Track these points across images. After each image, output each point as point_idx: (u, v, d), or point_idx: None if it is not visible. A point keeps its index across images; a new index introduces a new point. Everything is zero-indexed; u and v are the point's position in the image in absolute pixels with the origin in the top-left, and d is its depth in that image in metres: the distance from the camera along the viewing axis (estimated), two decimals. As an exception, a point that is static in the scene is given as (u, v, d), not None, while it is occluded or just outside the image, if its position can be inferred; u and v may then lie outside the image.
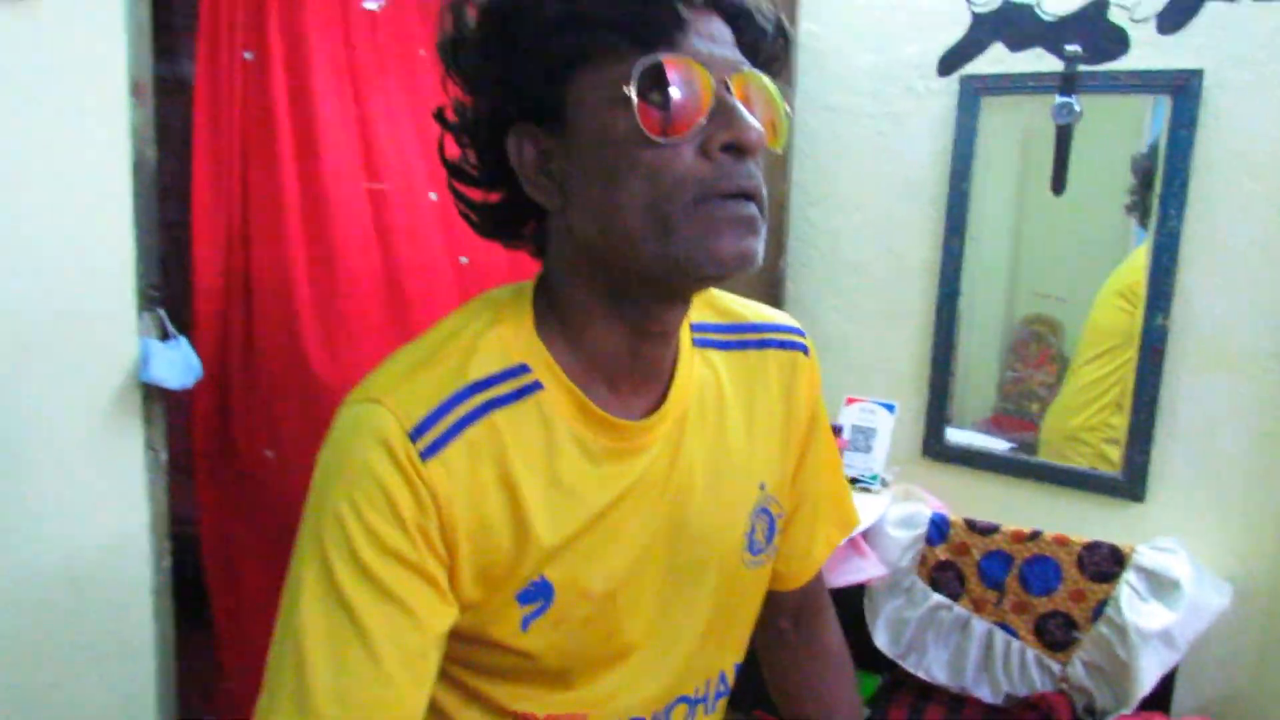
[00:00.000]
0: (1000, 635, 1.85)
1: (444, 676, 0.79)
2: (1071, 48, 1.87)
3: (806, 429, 0.95)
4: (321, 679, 0.67)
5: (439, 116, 0.80)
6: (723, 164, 0.69)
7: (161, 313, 1.99)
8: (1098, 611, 1.77)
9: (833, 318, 2.25)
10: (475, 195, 0.81)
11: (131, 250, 1.94)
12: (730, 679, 0.94)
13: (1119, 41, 1.85)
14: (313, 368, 2.10)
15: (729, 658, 0.93)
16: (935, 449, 2.12)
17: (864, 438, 2.11)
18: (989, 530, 1.87)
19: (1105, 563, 1.78)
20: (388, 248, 2.31)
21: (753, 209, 0.71)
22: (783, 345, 0.93)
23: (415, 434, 0.70)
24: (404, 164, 2.27)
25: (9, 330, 1.76)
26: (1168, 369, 1.86)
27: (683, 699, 0.88)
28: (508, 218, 0.81)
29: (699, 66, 0.68)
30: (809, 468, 0.98)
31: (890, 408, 2.11)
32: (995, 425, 2.14)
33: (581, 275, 0.76)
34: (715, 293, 0.92)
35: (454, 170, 0.80)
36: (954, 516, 1.92)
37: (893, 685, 1.97)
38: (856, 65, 2.15)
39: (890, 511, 1.95)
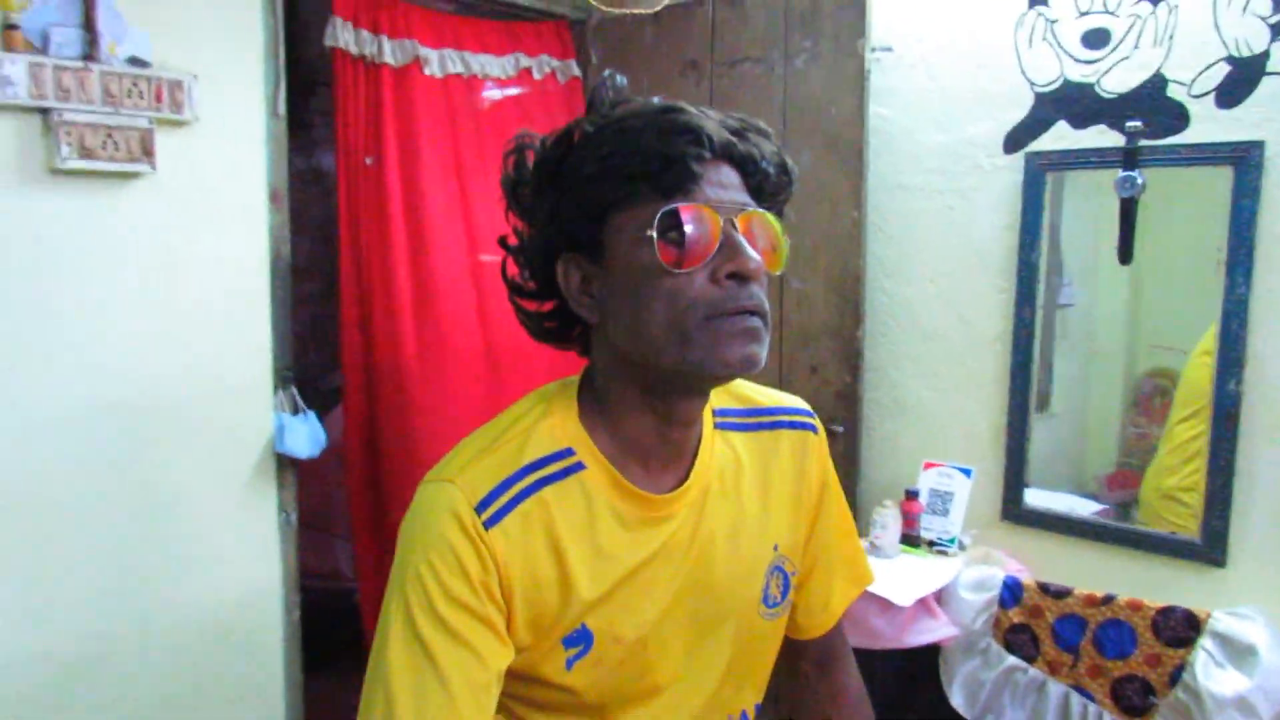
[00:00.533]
0: (1077, 698, 1.87)
1: (502, 710, 0.94)
2: (1132, 124, 1.94)
3: (817, 496, 1.07)
4: (405, 710, 0.82)
5: (502, 242, 0.97)
6: (729, 288, 0.83)
7: (294, 390, 2.24)
8: (1175, 677, 1.78)
9: (911, 385, 2.33)
10: (530, 305, 0.98)
11: (269, 334, 2.20)
12: (751, 717, 1.06)
13: (1178, 117, 1.91)
14: (418, 440, 2.35)
15: (749, 698, 1.05)
16: (1014, 512, 2.16)
17: (941, 502, 2.17)
18: (1062, 594, 1.91)
19: (1180, 628, 1.79)
20: (487, 324, 2.56)
21: (755, 322, 0.84)
22: (793, 426, 1.06)
23: (480, 507, 0.86)
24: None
25: (164, 404, 2.03)
26: (1243, 433, 1.87)
27: None
28: (556, 326, 0.97)
29: (709, 210, 0.83)
30: (821, 531, 1.09)
31: (967, 472, 2.17)
32: (1111, 484, 2.16)
33: (618, 375, 0.91)
34: (736, 382, 1.06)
35: (513, 286, 0.97)
36: (1027, 580, 1.96)
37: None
38: (925, 145, 2.26)
39: (964, 575, 2.00)
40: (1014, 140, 2.12)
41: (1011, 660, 1.94)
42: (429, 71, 2.47)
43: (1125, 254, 1.97)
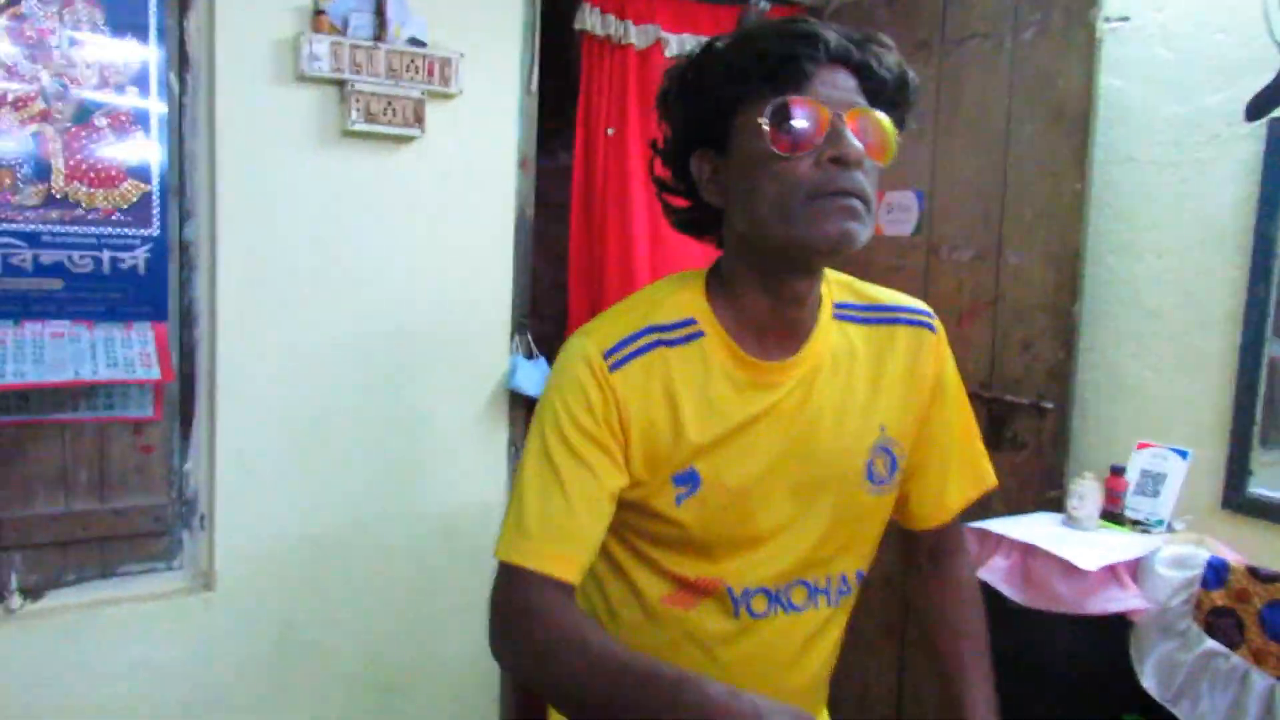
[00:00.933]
0: (1284, 693, 1.76)
1: (622, 542, 1.11)
2: (1389, 85, 1.80)
3: (931, 390, 1.15)
4: (531, 508, 1.01)
5: (653, 145, 1.13)
6: (830, 171, 0.95)
7: (528, 336, 2.51)
8: (1399, 678, 1.64)
9: (1130, 365, 2.25)
10: (672, 200, 1.13)
11: (510, 284, 2.48)
12: (852, 582, 1.16)
13: None
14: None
15: (851, 564, 1.15)
16: (1235, 500, 2.04)
17: (1152, 483, 2.09)
18: (1273, 579, 1.79)
19: None
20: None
21: (853, 203, 0.96)
22: (911, 323, 1.15)
23: (607, 355, 1.03)
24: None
25: (424, 335, 2.35)
26: None
27: (802, 582, 1.11)
28: (694, 217, 1.12)
29: (819, 105, 0.95)
30: (939, 428, 1.18)
31: (1183, 454, 2.08)
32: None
33: (739, 256, 1.06)
34: (860, 282, 1.17)
35: (660, 183, 1.13)
36: (1234, 561, 1.86)
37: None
38: (1160, 116, 2.18)
39: (1164, 550, 1.92)
40: (1257, 107, 2.01)
41: (1211, 644, 1.84)
42: (669, 54, 2.68)
43: (1374, 225, 1.83)
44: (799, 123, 0.95)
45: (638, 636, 1.12)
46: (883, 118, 0.99)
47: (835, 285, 1.14)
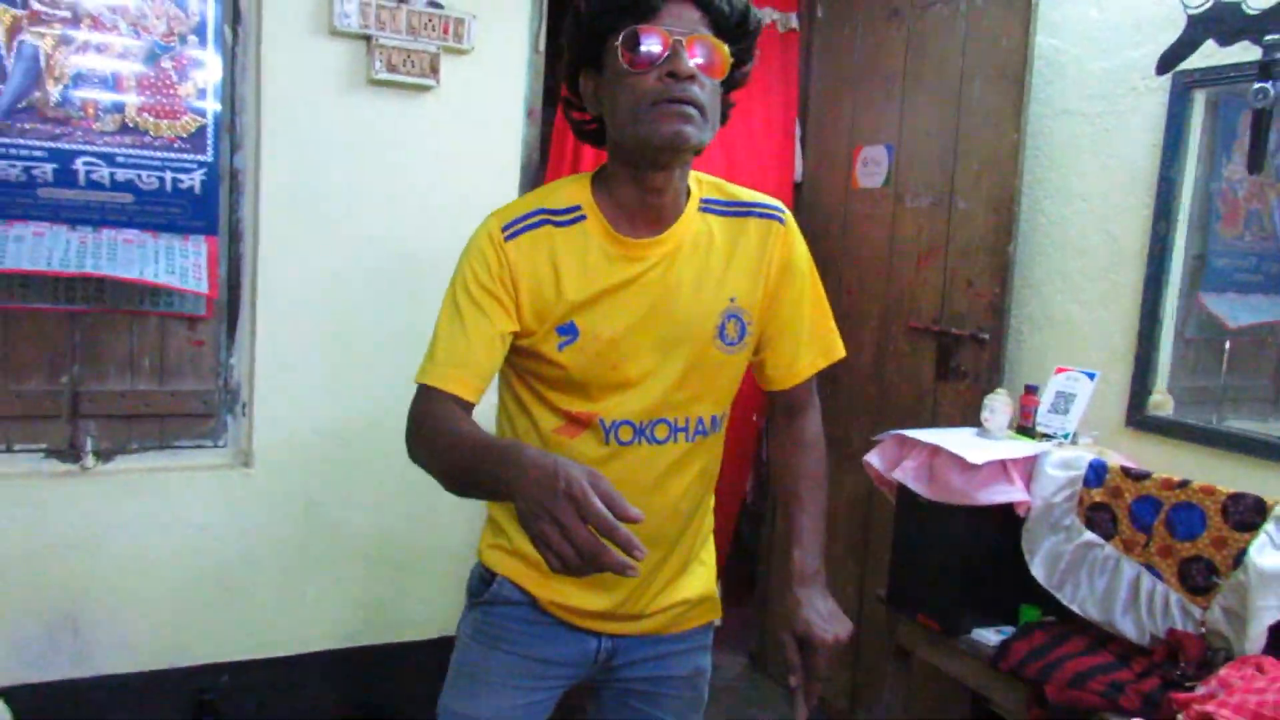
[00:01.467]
0: (1147, 577, 1.98)
1: (524, 385, 1.42)
2: (1271, 37, 1.99)
3: (779, 270, 1.43)
4: (440, 344, 1.33)
5: (560, 76, 1.44)
6: (667, 83, 1.25)
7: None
8: (1238, 559, 1.85)
9: (1059, 299, 2.47)
10: (575, 115, 1.43)
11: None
12: (708, 424, 1.43)
13: (1314, 27, 1.95)
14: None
15: (706, 408, 1.42)
16: (1137, 418, 2.26)
17: (1064, 402, 2.32)
18: (1142, 476, 2.02)
19: (1248, 513, 1.85)
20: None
21: (686, 109, 1.24)
22: (762, 215, 1.43)
23: (504, 229, 1.35)
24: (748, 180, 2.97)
25: (435, 267, 2.68)
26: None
27: (663, 420, 1.40)
28: (589, 129, 1.42)
29: (662, 31, 1.25)
30: (787, 302, 1.45)
31: (1091, 376, 2.30)
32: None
33: (614, 156, 1.36)
34: (729, 184, 1.46)
35: (566, 102, 1.44)
36: (1112, 462, 2.08)
37: (1046, 616, 2.16)
38: (1090, 71, 2.40)
39: (1053, 454, 2.16)
40: (1165, 62, 2.22)
41: (1089, 536, 2.07)
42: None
43: (1254, 163, 2.03)
44: (645, 45, 1.24)
45: None
46: (720, 43, 1.28)
47: (706, 185, 1.43)
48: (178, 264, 2.43)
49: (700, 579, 1.57)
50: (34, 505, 2.40)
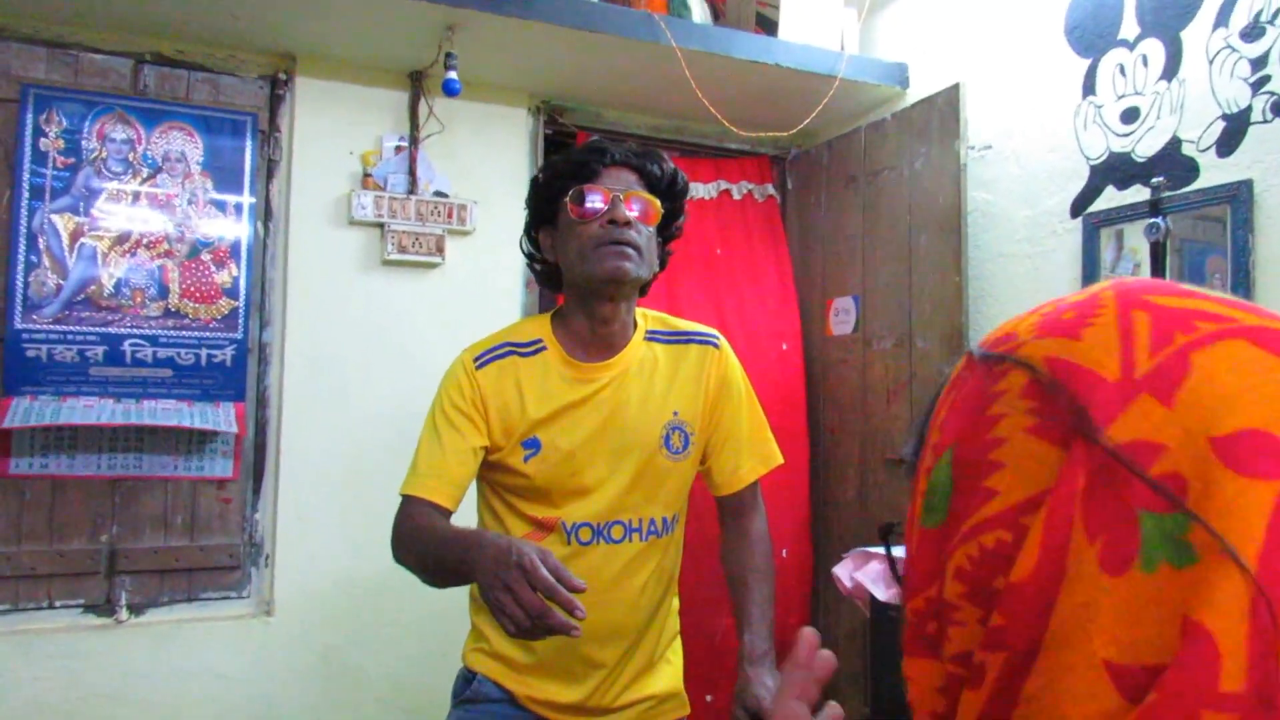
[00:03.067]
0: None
1: (497, 497, 1.65)
2: (1156, 179, 2.27)
3: (718, 389, 1.68)
4: (420, 459, 1.59)
5: (525, 234, 1.73)
6: (608, 229, 1.55)
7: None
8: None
9: (1012, 423, 2.66)
10: (536, 265, 1.72)
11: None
12: (659, 525, 1.64)
13: (1191, 169, 2.22)
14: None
15: (657, 511, 1.63)
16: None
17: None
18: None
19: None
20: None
21: (624, 249, 1.53)
22: (700, 342, 1.70)
23: (475, 360, 1.62)
24: (760, 327, 3.24)
25: (410, 424, 2.93)
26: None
27: (618, 521, 1.61)
28: (547, 274, 1.70)
29: (603, 188, 1.56)
30: (727, 417, 1.69)
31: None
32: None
33: (568, 294, 1.65)
34: (671, 317, 1.73)
35: (528, 255, 1.73)
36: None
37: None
38: (1016, 219, 2.69)
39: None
40: (1076, 206, 2.50)
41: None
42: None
43: (1157, 289, 2.26)
44: (589, 200, 1.56)
45: None
46: (652, 198, 1.59)
47: (651, 319, 1.71)
48: (210, 418, 2.72)
49: (666, 676, 1.73)
50: (71, 657, 2.60)
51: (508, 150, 3.14)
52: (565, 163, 1.63)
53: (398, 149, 2.95)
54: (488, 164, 3.10)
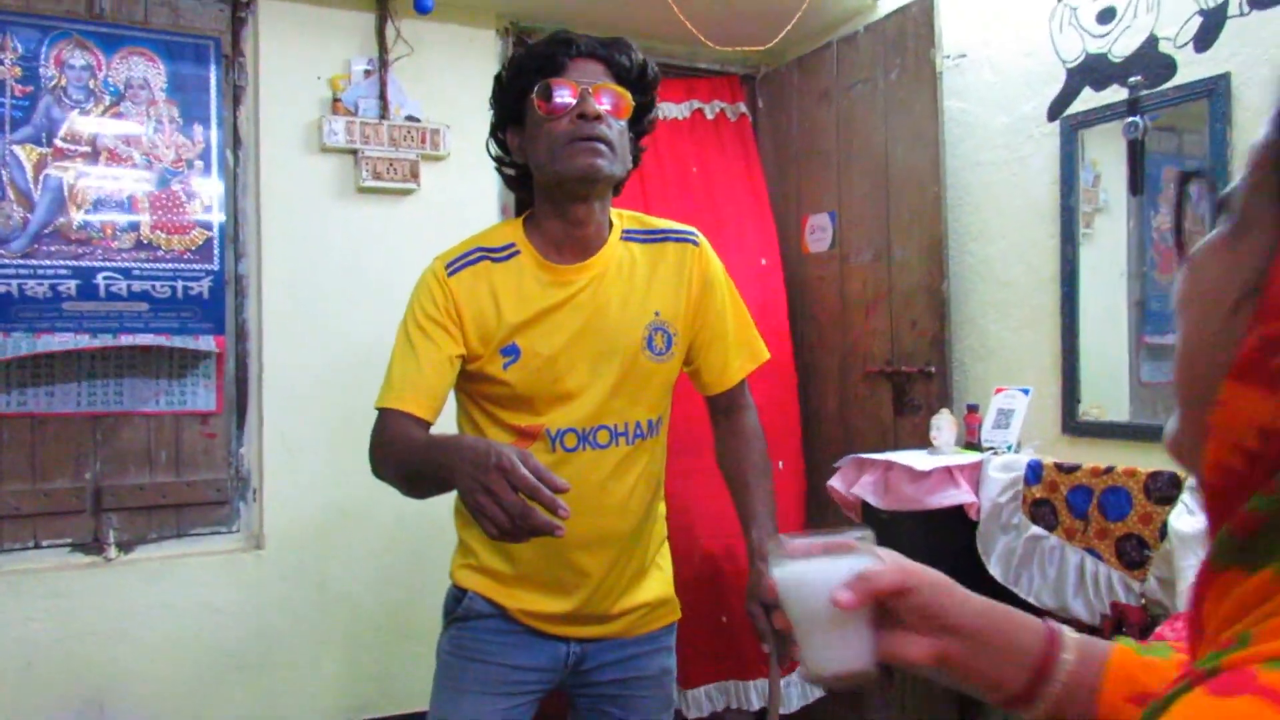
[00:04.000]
0: (1090, 560, 2.16)
1: (477, 408, 1.60)
2: (1133, 79, 2.30)
3: (700, 286, 1.64)
4: (394, 371, 1.54)
5: (491, 135, 1.70)
6: (578, 124, 1.50)
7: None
8: (1163, 531, 2.04)
9: (991, 328, 2.72)
10: (505, 170, 1.68)
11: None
12: (644, 428, 1.61)
13: (1168, 66, 2.25)
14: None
15: (642, 413, 1.60)
16: (1070, 425, 2.47)
17: (1005, 417, 2.53)
18: (1073, 469, 2.22)
19: (1166, 487, 2.05)
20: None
21: (596, 144, 1.48)
22: (677, 240, 1.66)
23: (446, 266, 1.57)
24: (737, 244, 3.21)
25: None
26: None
27: (603, 426, 1.58)
28: (517, 177, 1.67)
29: (571, 82, 1.52)
30: (712, 314, 1.65)
31: (1026, 391, 2.52)
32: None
33: (539, 196, 1.60)
34: (648, 216, 1.69)
35: (496, 159, 1.69)
36: (1046, 460, 2.29)
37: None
38: (993, 126, 2.71)
39: (994, 460, 2.36)
40: (1054, 110, 2.53)
41: (1035, 529, 2.26)
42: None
43: (1135, 186, 2.31)
44: (557, 94, 1.49)
45: None
46: (622, 90, 1.54)
47: (626, 218, 1.65)
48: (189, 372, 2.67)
49: (658, 582, 1.71)
50: (61, 596, 2.57)
51: (477, 73, 3.08)
52: (530, 56, 1.55)
53: (366, 73, 2.89)
54: (458, 87, 3.05)
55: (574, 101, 1.49)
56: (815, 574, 0.75)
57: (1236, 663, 0.37)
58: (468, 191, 3.06)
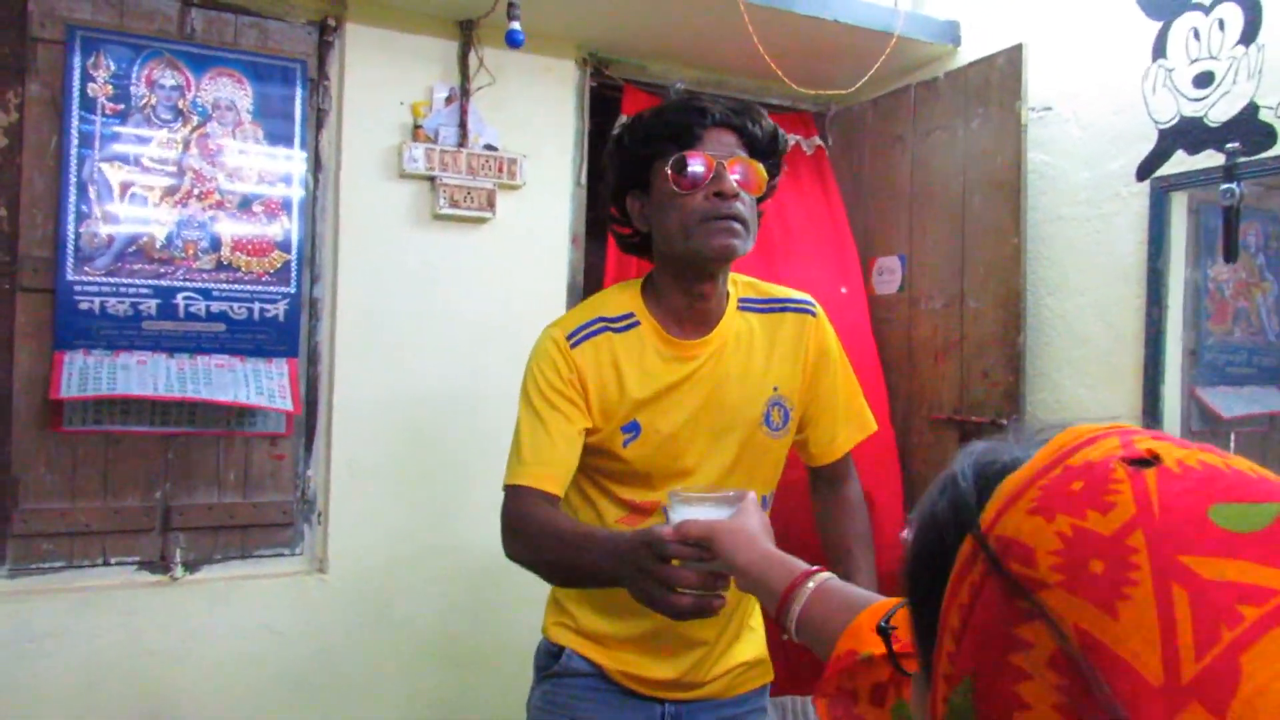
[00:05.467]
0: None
1: (590, 481, 1.60)
2: (1231, 145, 2.29)
3: (815, 358, 1.63)
4: (524, 445, 1.51)
5: (607, 196, 1.68)
6: (714, 202, 1.47)
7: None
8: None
9: (1068, 384, 2.71)
10: (620, 231, 1.67)
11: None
12: (760, 503, 1.61)
13: (1268, 135, 2.24)
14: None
15: (757, 488, 1.55)
16: (1150, 488, 2.45)
17: (1082, 476, 2.52)
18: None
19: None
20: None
21: (732, 224, 1.45)
22: (796, 310, 1.65)
23: (569, 337, 1.55)
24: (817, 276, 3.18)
25: (491, 380, 2.92)
26: None
27: None
28: (634, 242, 1.65)
29: (706, 155, 1.49)
30: (825, 387, 1.65)
31: (1105, 451, 2.50)
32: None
33: (662, 266, 1.58)
34: (762, 283, 1.67)
35: (610, 219, 1.68)
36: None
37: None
38: (1077, 181, 2.70)
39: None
40: (1144, 170, 2.52)
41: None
42: (694, 153, 3.31)
43: (1230, 253, 2.29)
44: (691, 168, 1.46)
45: None
46: (756, 163, 1.50)
47: (742, 285, 1.63)
48: (264, 386, 2.67)
49: (752, 644, 1.70)
50: (128, 614, 2.57)
51: (555, 103, 3.09)
52: (660, 123, 1.51)
53: (448, 100, 2.89)
54: (536, 117, 3.05)
55: (709, 176, 1.46)
56: (712, 516, 1.16)
57: None
58: (541, 221, 3.06)
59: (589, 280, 3.22)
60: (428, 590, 2.89)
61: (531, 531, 1.44)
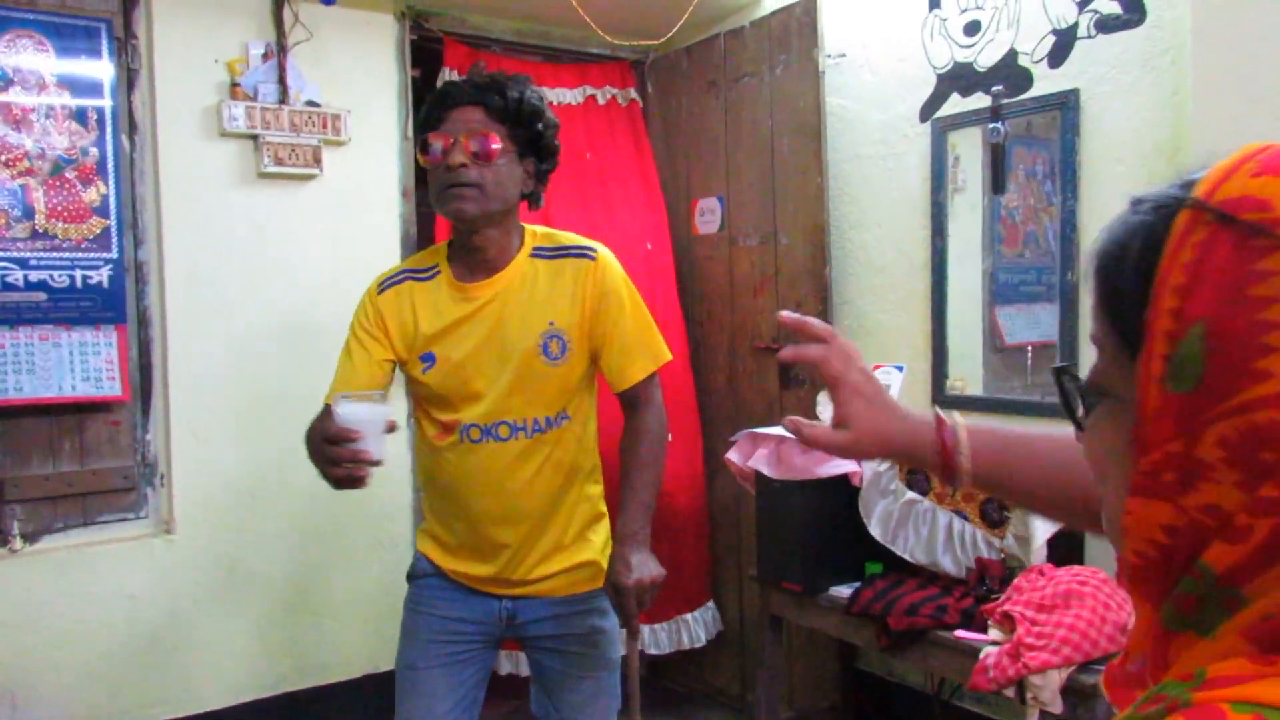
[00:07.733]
0: (957, 521, 2.45)
1: (417, 405, 1.84)
2: (995, 88, 2.55)
3: (596, 297, 1.81)
4: (337, 373, 1.77)
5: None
6: (446, 173, 1.70)
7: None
8: (1020, 495, 2.33)
9: (869, 310, 2.97)
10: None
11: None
12: (544, 423, 1.81)
13: (1026, 79, 2.51)
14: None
15: (539, 410, 1.80)
16: (939, 398, 2.75)
17: (882, 392, 2.79)
18: (943, 441, 2.49)
19: (1022, 457, 2.34)
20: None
21: (462, 190, 1.70)
22: (577, 256, 1.84)
23: (378, 288, 1.80)
24: (626, 227, 3.33)
25: (323, 329, 2.97)
26: (1082, 319, 2.41)
27: (503, 422, 1.79)
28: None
29: (444, 135, 1.71)
30: (609, 322, 1.83)
31: (900, 368, 2.78)
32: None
33: (450, 226, 1.79)
34: (559, 233, 1.88)
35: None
36: (920, 433, 2.56)
37: (887, 567, 2.60)
38: (871, 123, 2.94)
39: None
40: (925, 111, 2.77)
41: (911, 494, 2.53)
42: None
43: (998, 185, 2.57)
44: (432, 148, 1.73)
45: (430, 459, 1.85)
46: (491, 132, 1.72)
47: (540, 235, 1.86)
48: (90, 366, 2.66)
49: (584, 551, 1.90)
50: (-34, 591, 2.55)
51: (377, 57, 3.12)
52: (422, 111, 1.81)
53: (265, 57, 2.89)
54: (358, 72, 3.07)
55: (443, 153, 1.73)
56: (357, 409, 1.53)
57: (1206, 700, 0.49)
58: (370, 176, 3.10)
59: (423, 231, 3.29)
60: (275, 544, 2.96)
61: (308, 432, 1.74)
